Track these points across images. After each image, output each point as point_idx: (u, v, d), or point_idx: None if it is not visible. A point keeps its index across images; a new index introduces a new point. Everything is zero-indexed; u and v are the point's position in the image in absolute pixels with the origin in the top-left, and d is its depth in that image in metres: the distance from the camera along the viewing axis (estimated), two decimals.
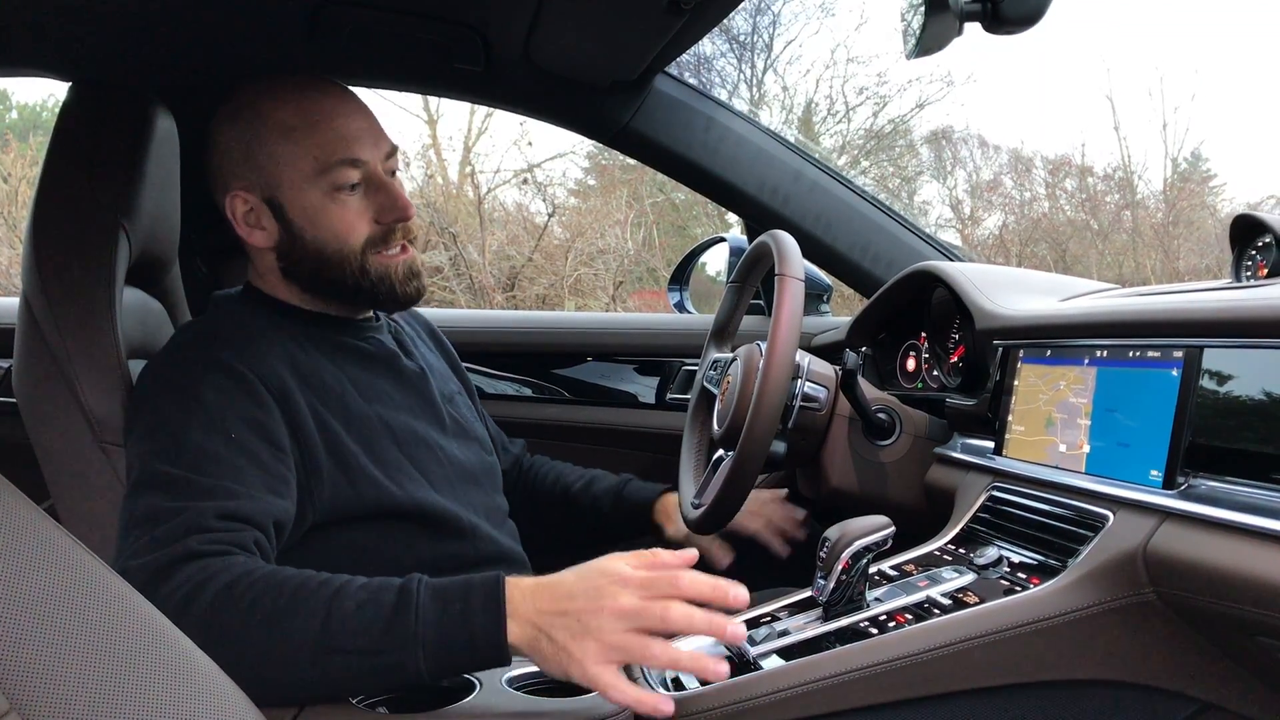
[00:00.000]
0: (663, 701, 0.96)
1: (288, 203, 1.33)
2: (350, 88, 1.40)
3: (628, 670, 1.01)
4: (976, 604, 1.09)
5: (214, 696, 0.77)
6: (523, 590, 0.99)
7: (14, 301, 1.44)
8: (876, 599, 1.16)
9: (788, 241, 1.45)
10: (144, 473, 1.15)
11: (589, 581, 0.98)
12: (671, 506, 1.63)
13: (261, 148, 1.32)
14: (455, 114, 9.95)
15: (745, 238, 2.27)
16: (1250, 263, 1.43)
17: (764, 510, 1.66)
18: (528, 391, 2.22)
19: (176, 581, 1.01)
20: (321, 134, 1.31)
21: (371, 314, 1.47)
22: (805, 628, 1.13)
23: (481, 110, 8.79)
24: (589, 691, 1.01)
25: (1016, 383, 1.33)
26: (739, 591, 0.99)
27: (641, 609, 0.95)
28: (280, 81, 1.36)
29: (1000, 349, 1.38)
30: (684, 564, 1.00)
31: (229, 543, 1.07)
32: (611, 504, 1.66)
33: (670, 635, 0.98)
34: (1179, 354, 1.05)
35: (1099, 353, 1.18)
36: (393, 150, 1.38)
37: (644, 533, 1.66)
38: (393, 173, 1.38)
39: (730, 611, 1.01)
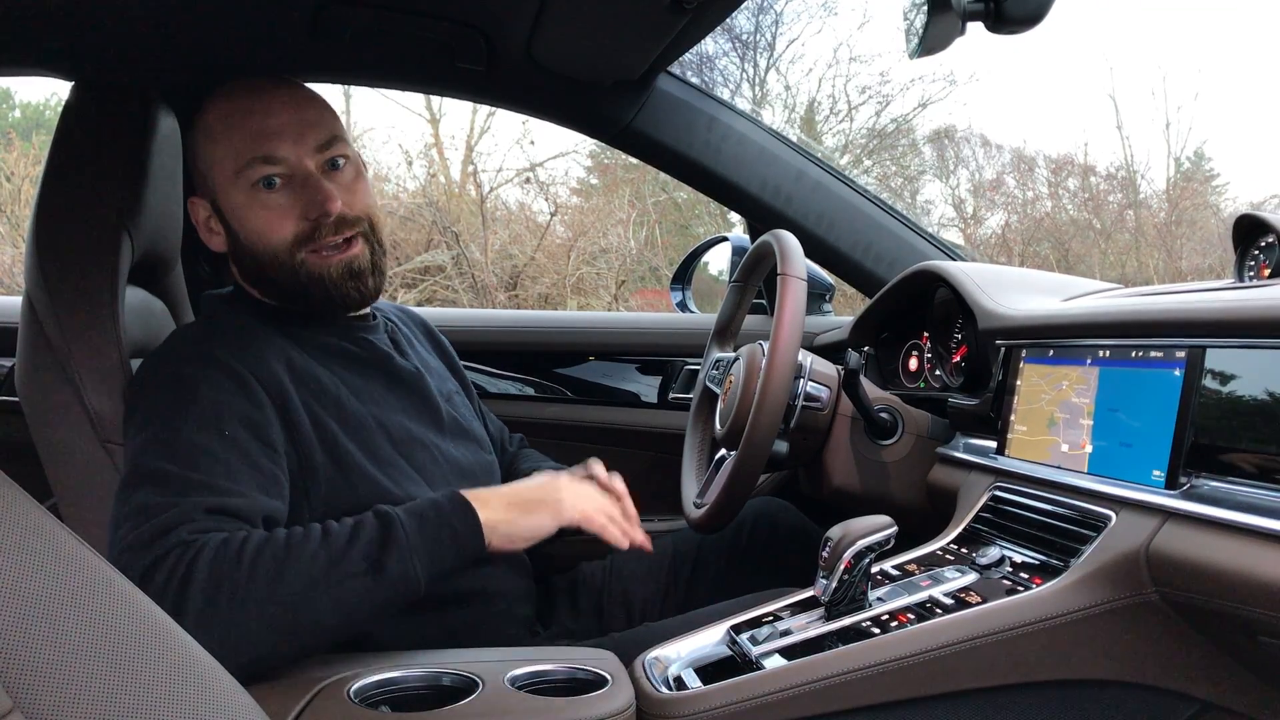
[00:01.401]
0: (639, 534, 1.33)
1: (223, 204, 1.34)
2: (293, 81, 1.39)
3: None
4: (979, 604, 1.09)
5: (216, 693, 0.77)
6: (479, 494, 1.21)
7: (17, 300, 1.44)
8: (879, 599, 1.16)
9: (790, 241, 1.45)
10: (137, 467, 1.15)
11: (543, 477, 1.32)
12: None
13: (200, 154, 1.35)
14: (458, 113, 9.94)
15: (747, 237, 2.27)
16: (1253, 263, 1.43)
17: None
18: (530, 391, 2.22)
19: (167, 568, 1.02)
20: (237, 133, 1.31)
21: (368, 312, 1.46)
22: (807, 627, 1.13)
23: (484, 109, 8.79)
24: (590, 691, 1.02)
25: (1019, 382, 1.33)
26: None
27: (594, 491, 1.32)
28: (221, 86, 1.36)
29: (1003, 349, 1.38)
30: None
31: (215, 530, 1.09)
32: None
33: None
34: (1181, 354, 1.05)
35: (1101, 352, 1.18)
36: (328, 141, 1.33)
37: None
38: (335, 163, 1.34)
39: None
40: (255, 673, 1.01)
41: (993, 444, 1.37)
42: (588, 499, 1.29)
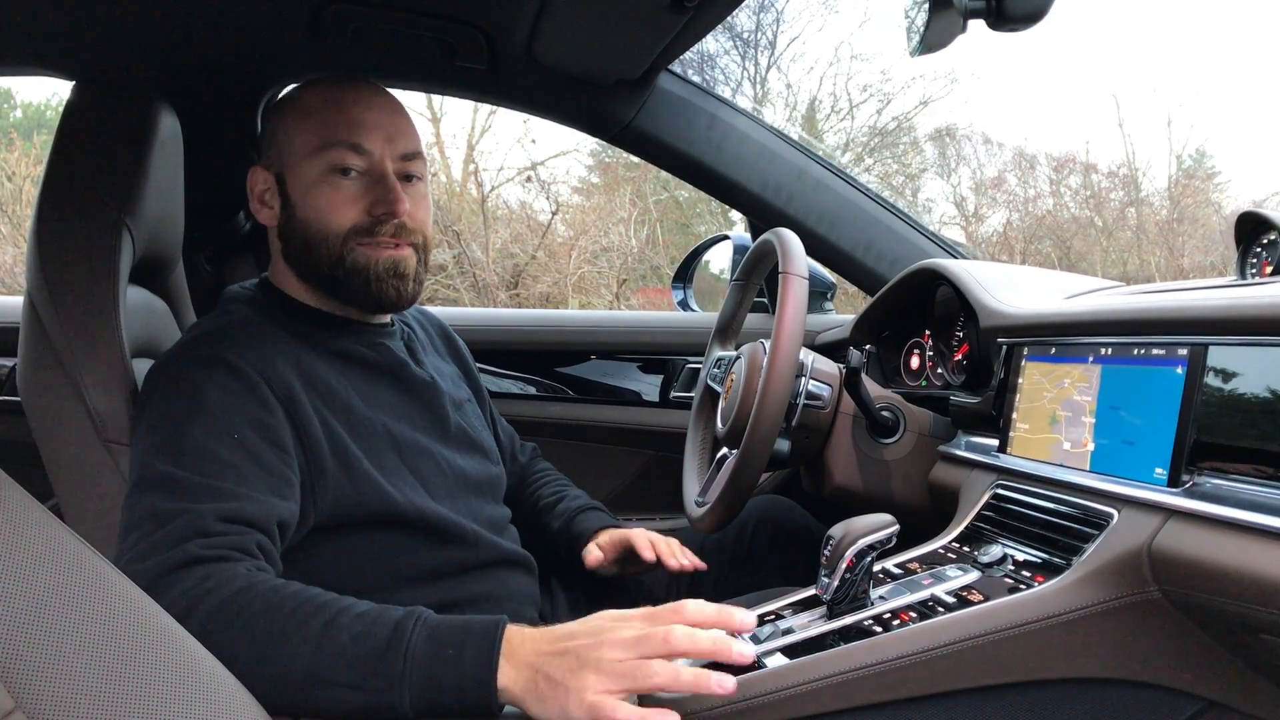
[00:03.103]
0: (667, 715, 0.92)
1: (290, 178, 1.35)
2: (392, 93, 1.42)
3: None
4: (981, 602, 1.09)
5: (218, 695, 0.77)
6: (523, 634, 0.96)
7: (18, 300, 1.44)
8: (880, 597, 1.15)
9: (791, 239, 1.45)
10: (146, 472, 1.14)
11: (591, 622, 0.96)
12: (603, 542, 1.54)
13: (283, 127, 1.36)
14: (459, 112, 9.94)
15: (749, 235, 2.27)
16: (1255, 260, 1.43)
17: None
18: (532, 390, 2.22)
19: (177, 591, 1.00)
20: (334, 115, 1.33)
21: (387, 318, 1.46)
22: (809, 626, 1.13)
23: (485, 108, 8.78)
24: None
25: (1021, 380, 1.33)
26: (745, 615, 0.97)
27: (643, 636, 0.92)
28: (324, 75, 1.40)
29: (1004, 346, 1.38)
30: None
31: (230, 546, 1.06)
32: (560, 540, 1.59)
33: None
34: (1183, 352, 1.04)
35: (1103, 350, 1.18)
36: (413, 154, 1.37)
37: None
38: (411, 177, 1.37)
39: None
40: None
41: (994, 442, 1.37)
42: (610, 677, 0.92)
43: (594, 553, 1.50)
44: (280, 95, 1.41)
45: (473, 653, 0.95)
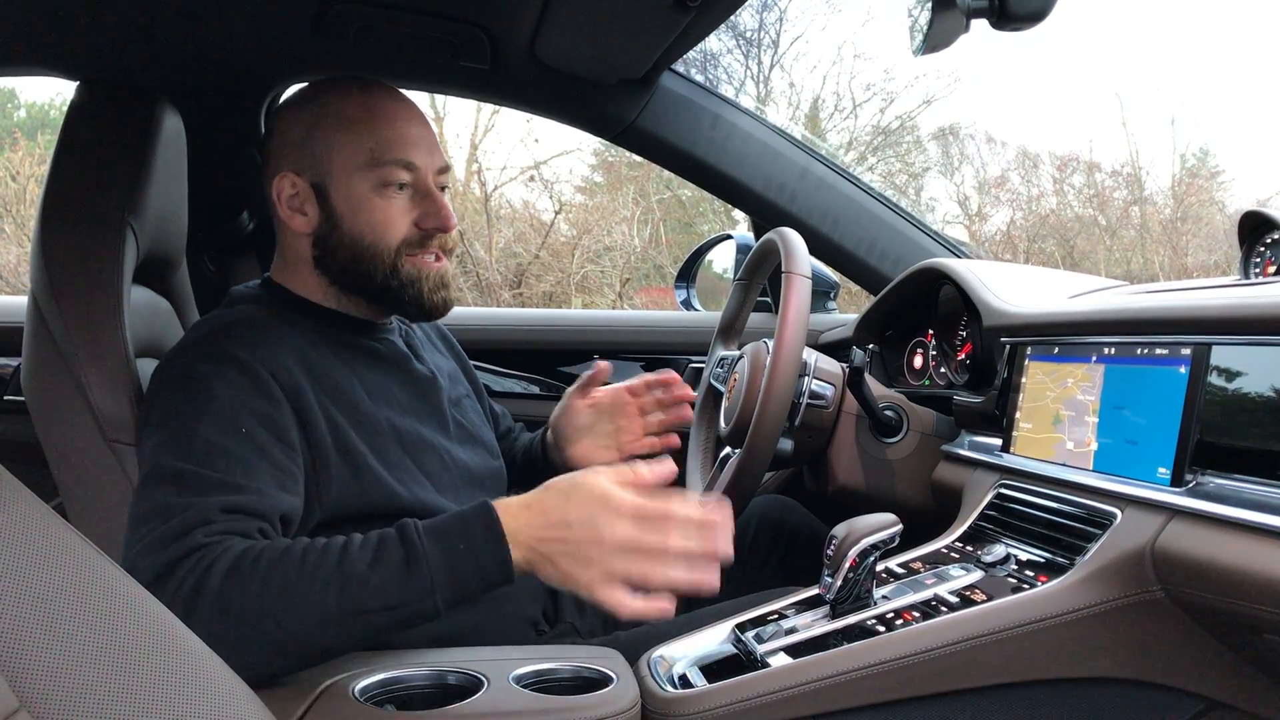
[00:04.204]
0: (667, 605, 1.02)
1: (334, 189, 1.35)
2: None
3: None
4: (984, 602, 1.09)
5: (222, 693, 0.77)
6: (515, 515, 1.05)
7: (22, 300, 1.44)
8: (884, 597, 1.15)
9: (794, 239, 1.45)
10: (154, 467, 1.15)
11: (582, 509, 1.03)
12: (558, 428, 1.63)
13: (319, 134, 1.35)
14: (461, 111, 9.94)
15: (752, 235, 2.27)
16: (1258, 260, 1.43)
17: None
18: (534, 389, 2.22)
19: (180, 574, 1.01)
20: (381, 130, 1.34)
21: (389, 317, 1.47)
22: (812, 625, 1.13)
23: (488, 108, 8.78)
24: (595, 689, 1.02)
25: (1024, 380, 1.33)
26: (722, 509, 1.05)
27: (638, 540, 1.01)
28: (347, 79, 1.39)
29: (1008, 346, 1.38)
30: (664, 479, 1.06)
31: (230, 531, 1.08)
32: (538, 448, 1.67)
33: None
34: (1187, 351, 1.04)
35: (1107, 350, 1.18)
36: (445, 168, 1.39)
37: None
38: (443, 189, 1.40)
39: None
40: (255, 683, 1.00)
41: (998, 441, 1.37)
42: (614, 573, 1.01)
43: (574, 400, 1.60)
44: (299, 97, 1.39)
45: (481, 541, 1.04)
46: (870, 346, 1.81)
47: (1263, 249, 1.43)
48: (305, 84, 1.41)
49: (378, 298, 1.38)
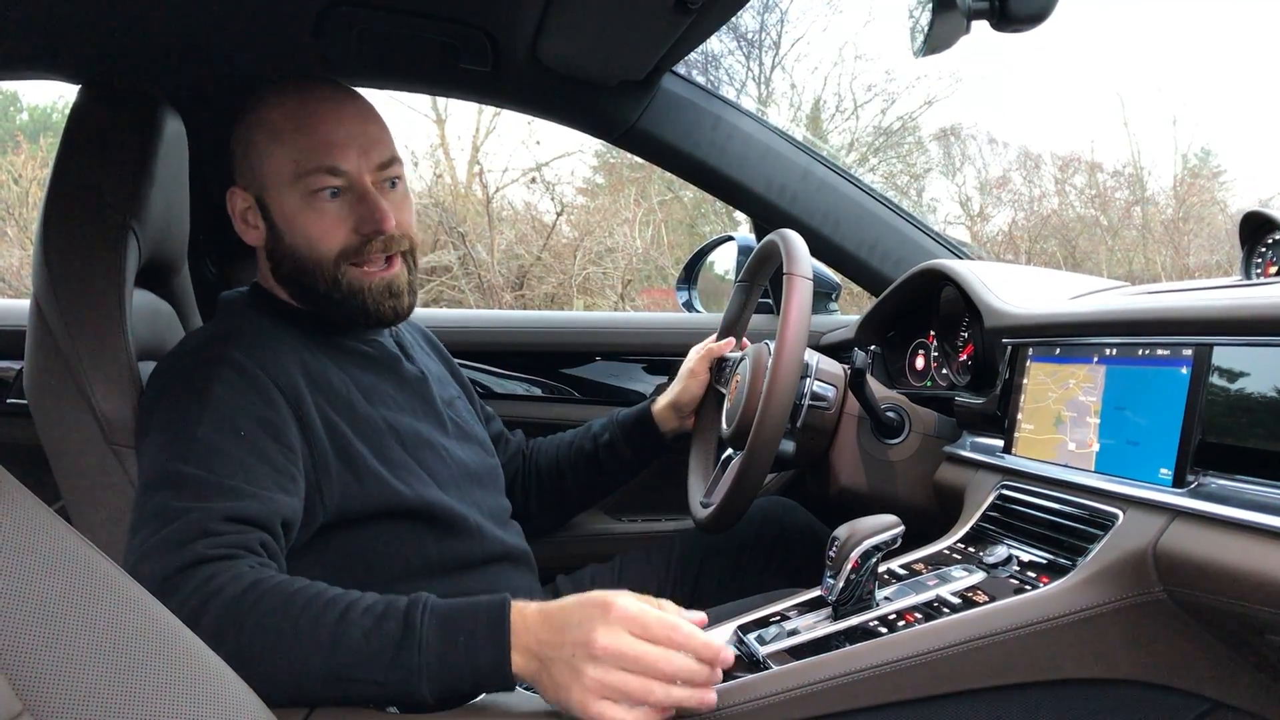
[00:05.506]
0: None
1: (271, 203, 1.34)
2: (361, 93, 1.40)
3: None
4: (986, 603, 1.09)
5: (226, 697, 0.77)
6: (526, 619, 0.99)
7: (25, 304, 1.44)
8: (886, 598, 1.15)
9: (795, 240, 1.45)
10: (155, 470, 1.15)
11: (584, 611, 0.97)
12: (662, 410, 1.70)
13: (254, 148, 1.34)
14: (463, 113, 9.94)
15: (753, 236, 2.27)
16: (1260, 260, 1.43)
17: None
18: (537, 391, 2.22)
19: (185, 593, 1.01)
20: (305, 138, 1.31)
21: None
22: (814, 627, 1.13)
23: (489, 110, 8.79)
24: None
25: (1026, 381, 1.33)
26: (728, 655, 1.00)
27: (631, 652, 0.94)
28: (284, 84, 1.37)
29: (1009, 347, 1.38)
30: (694, 622, 1.00)
31: (235, 545, 1.07)
32: (621, 434, 1.69)
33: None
34: (1188, 352, 1.04)
35: (1108, 351, 1.18)
36: (389, 160, 1.36)
37: (654, 451, 1.71)
38: (392, 183, 1.37)
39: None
40: None
41: (999, 443, 1.37)
42: (601, 688, 0.95)
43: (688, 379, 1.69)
44: (244, 108, 1.37)
45: (484, 639, 0.98)
46: (872, 348, 1.80)
47: (1264, 249, 1.43)
48: (253, 95, 1.38)
49: (327, 309, 1.36)
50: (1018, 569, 1.16)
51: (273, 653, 0.98)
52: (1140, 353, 1.12)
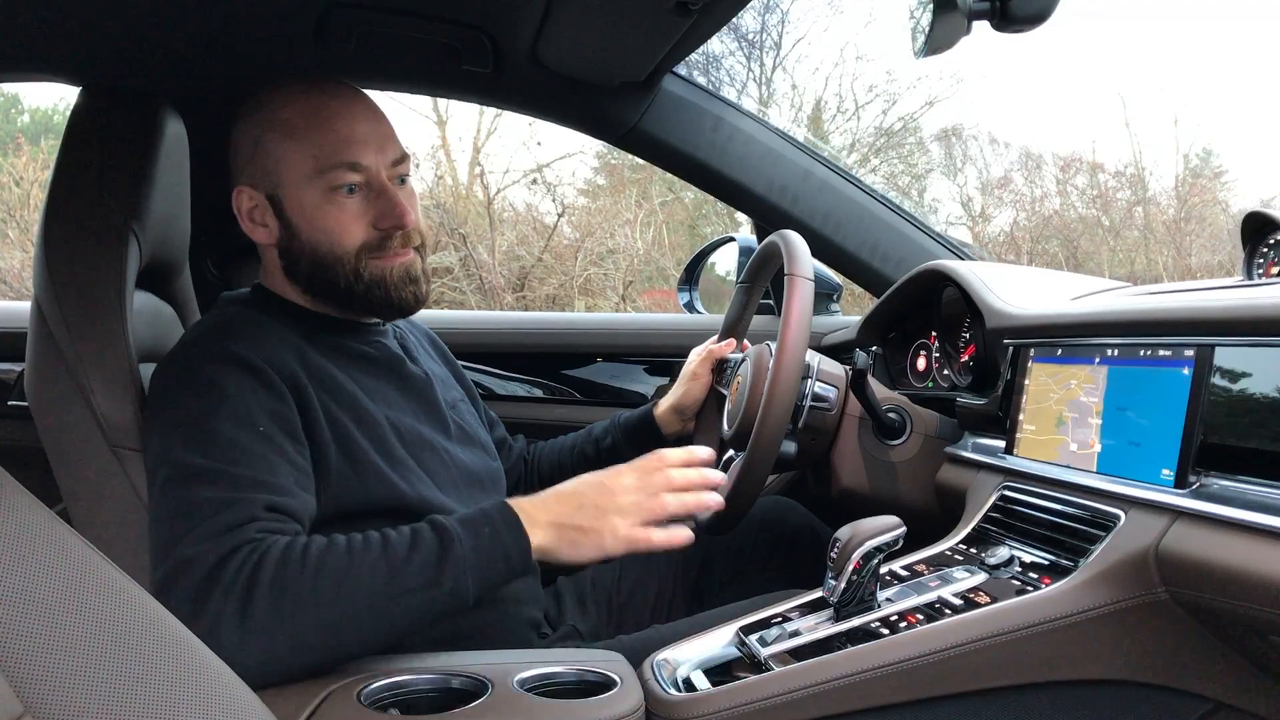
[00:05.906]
0: (686, 534, 1.21)
1: (287, 201, 1.34)
2: (366, 92, 1.41)
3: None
4: (988, 604, 1.09)
5: (227, 697, 0.77)
6: (532, 504, 1.18)
7: (26, 305, 1.44)
8: (888, 599, 1.15)
9: (797, 241, 1.45)
10: (177, 467, 1.14)
11: (589, 480, 1.21)
12: (664, 413, 1.71)
13: (266, 145, 1.34)
14: (464, 115, 9.93)
15: (754, 237, 2.27)
16: (1261, 260, 1.43)
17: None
18: (538, 392, 2.22)
19: (234, 566, 1.04)
20: (323, 135, 1.32)
21: (377, 319, 1.46)
22: (816, 628, 1.13)
23: (490, 111, 8.78)
24: (599, 693, 1.02)
25: (1027, 382, 1.33)
26: (703, 452, 1.27)
27: (643, 483, 1.19)
28: (293, 82, 1.37)
29: (1011, 348, 1.38)
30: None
31: (275, 530, 1.10)
32: (623, 438, 1.69)
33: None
34: (1190, 353, 1.04)
35: (1110, 351, 1.18)
36: (401, 157, 1.37)
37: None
38: (402, 179, 1.38)
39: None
40: (295, 677, 1.04)
41: (1001, 443, 1.37)
42: (632, 514, 1.18)
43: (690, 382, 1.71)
44: (248, 107, 1.37)
45: (503, 530, 1.14)
46: (873, 349, 1.80)
47: (1266, 250, 1.43)
48: (258, 93, 1.38)
49: (347, 303, 1.37)
50: (1019, 570, 1.16)
51: (335, 588, 1.06)
52: (1142, 353, 1.12)
